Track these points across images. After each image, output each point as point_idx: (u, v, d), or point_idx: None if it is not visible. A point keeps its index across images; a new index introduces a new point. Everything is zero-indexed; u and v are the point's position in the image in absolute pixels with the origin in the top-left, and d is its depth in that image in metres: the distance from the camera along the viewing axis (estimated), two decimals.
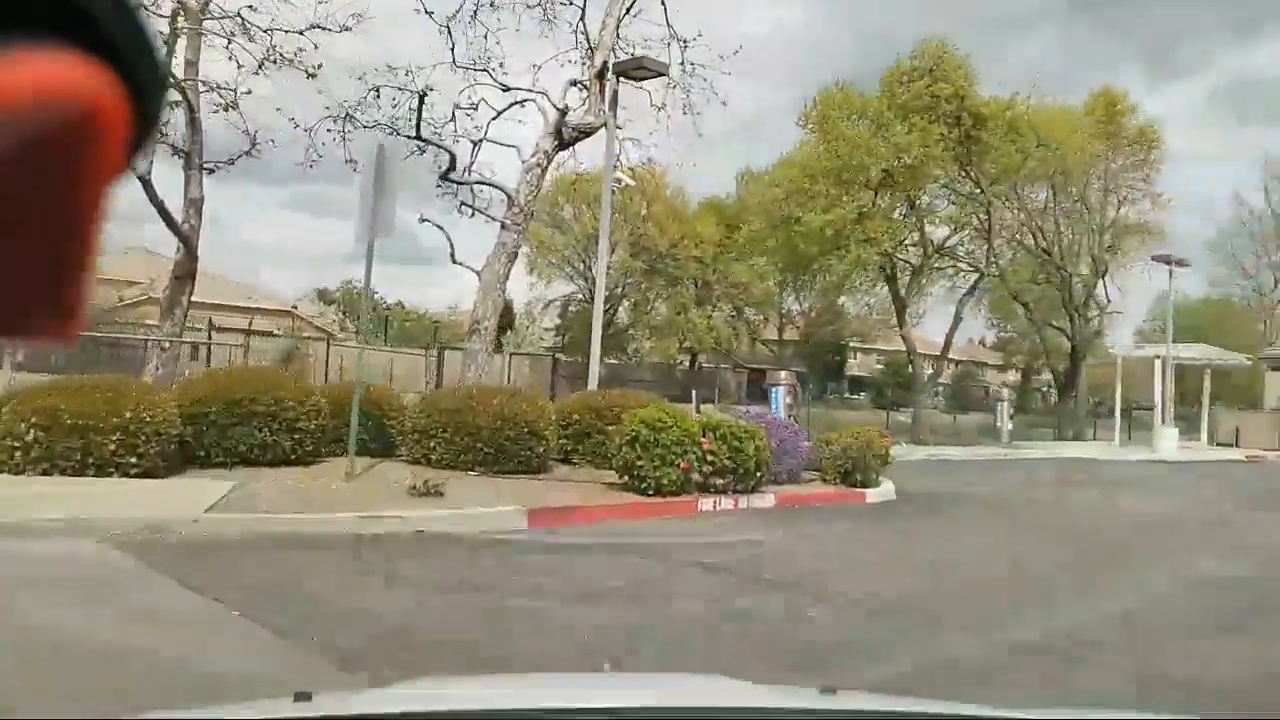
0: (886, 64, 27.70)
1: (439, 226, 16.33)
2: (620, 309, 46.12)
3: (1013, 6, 79.60)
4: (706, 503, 9.97)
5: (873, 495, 12.09)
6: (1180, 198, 70.91)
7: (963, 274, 31.31)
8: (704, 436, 10.09)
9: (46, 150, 0.36)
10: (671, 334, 44.73)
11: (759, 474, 10.58)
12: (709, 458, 10.06)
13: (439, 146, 16.09)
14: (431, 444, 10.38)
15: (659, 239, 40.52)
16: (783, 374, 19.87)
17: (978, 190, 27.75)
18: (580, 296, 43.84)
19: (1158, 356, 28.11)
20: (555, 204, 42.49)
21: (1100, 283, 32.17)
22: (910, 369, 30.92)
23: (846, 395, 58.36)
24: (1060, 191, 32.49)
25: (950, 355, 72.46)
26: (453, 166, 16.00)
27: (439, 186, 16.69)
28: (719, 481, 10.17)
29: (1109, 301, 32.16)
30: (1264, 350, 35.91)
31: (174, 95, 13.18)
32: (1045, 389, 56.58)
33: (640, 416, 9.74)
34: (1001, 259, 30.60)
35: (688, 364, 48.46)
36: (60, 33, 0.36)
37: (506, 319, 55.65)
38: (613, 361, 46.33)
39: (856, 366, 62.24)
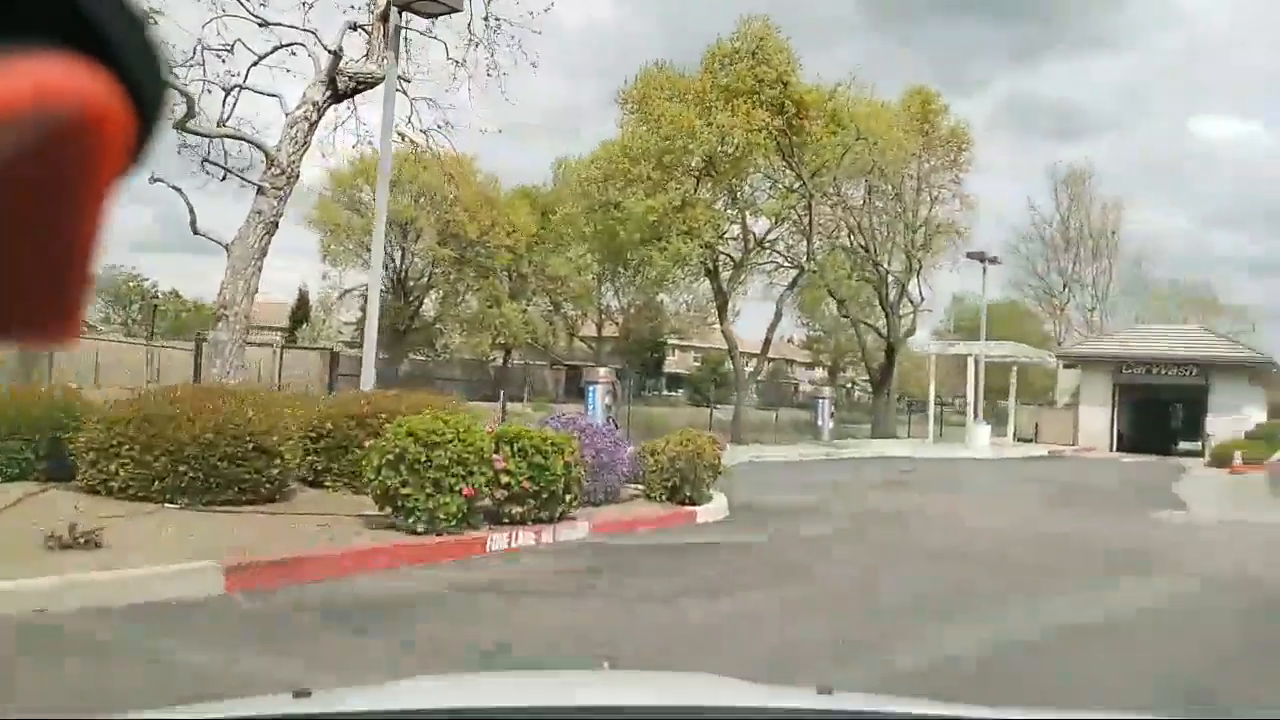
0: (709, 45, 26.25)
1: (176, 189, 13.13)
2: (427, 300, 42.81)
3: (814, 13, 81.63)
4: (499, 538, 7.60)
5: (704, 513, 10.15)
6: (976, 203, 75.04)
7: (782, 269, 30.53)
8: (497, 452, 7.74)
9: (48, 154, 0.36)
10: (484, 329, 41.90)
11: (569, 497, 8.33)
12: (503, 479, 7.72)
13: (172, 87, 12.86)
14: (114, 466, 7.46)
15: (469, 226, 37.59)
16: (601, 371, 17.84)
17: (799, 182, 26.87)
18: (381, 288, 40.18)
19: (970, 354, 28.26)
20: (353, 185, 38.87)
21: (914, 280, 32.34)
22: (729, 366, 29.79)
23: (665, 393, 57.52)
24: (875, 192, 32.43)
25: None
26: (190, 113, 12.81)
27: (177, 139, 13.44)
28: (517, 510, 7.84)
29: (921, 299, 32.39)
30: (1054, 349, 37.61)
31: None
32: (850, 386, 58.05)
33: (408, 427, 7.23)
34: (820, 254, 30.06)
35: (501, 360, 45.74)
36: (61, 37, 0.36)
37: (302, 311, 51.08)
38: (419, 358, 42.97)
39: (675, 364, 61.57)
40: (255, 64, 13.67)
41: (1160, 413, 38.25)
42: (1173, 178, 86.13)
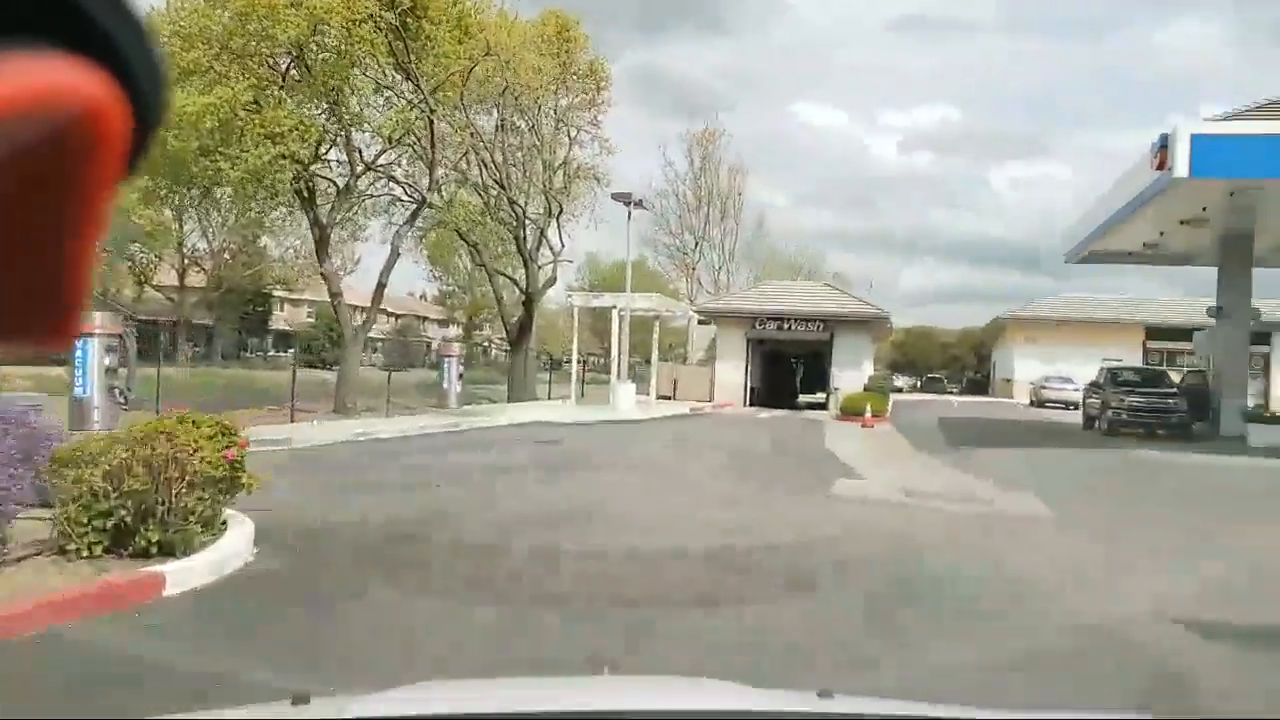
0: None
1: None
2: None
3: None
4: None
5: (188, 572, 5.37)
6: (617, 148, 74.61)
7: (402, 204, 25.56)
8: None
9: (47, 155, 0.36)
10: None
11: None
12: None
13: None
14: None
15: None
16: (98, 317, 11.91)
17: (419, 96, 22.04)
18: None
19: (615, 306, 25.48)
20: None
21: (554, 225, 28.95)
22: (336, 319, 24.33)
23: (273, 353, 49.65)
24: (510, 127, 28.56)
25: (390, 309, 67.20)
26: None
27: None
28: None
29: (563, 246, 29.15)
30: (691, 306, 36.66)
31: None
32: (487, 344, 54.45)
33: None
34: (446, 188, 25.53)
35: None
36: (61, 38, 0.36)
37: None
38: None
39: (285, 320, 53.52)
40: None
41: (789, 367, 39.12)
42: (775, 157, 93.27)
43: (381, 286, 22.19)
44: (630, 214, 23.38)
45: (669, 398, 30.43)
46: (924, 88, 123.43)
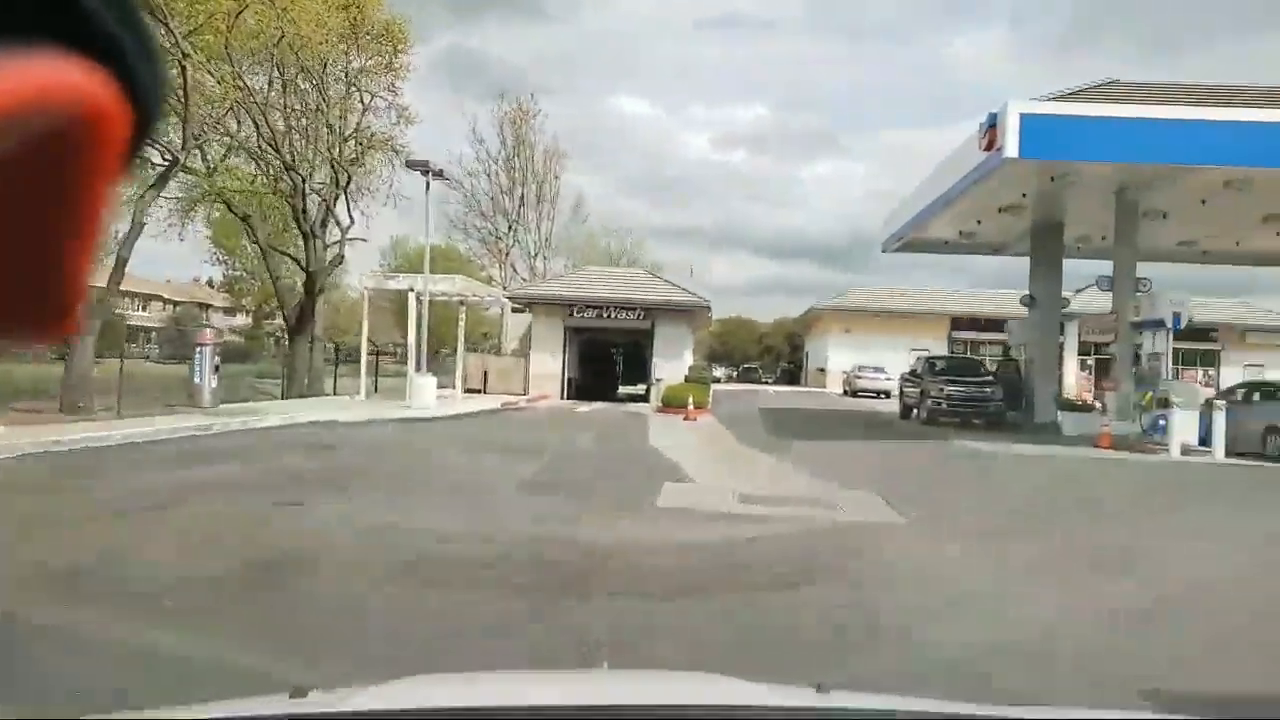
0: None
1: None
2: None
3: None
4: None
5: None
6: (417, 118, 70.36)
7: (154, 168, 21.59)
8: None
9: (46, 153, 0.36)
10: None
11: None
12: None
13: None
14: None
15: None
16: None
17: (169, 39, 18.41)
18: None
19: (412, 288, 22.63)
20: None
21: (343, 198, 25.59)
22: (128, 309, 20.07)
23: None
24: (292, 87, 25.04)
25: (167, 295, 60.21)
26: None
27: None
28: None
29: (351, 221, 25.86)
30: (506, 291, 34.08)
31: None
32: (281, 334, 49.51)
33: None
34: (212, 150, 21.86)
35: None
36: (61, 38, 0.36)
37: None
38: None
39: None
40: None
41: (609, 357, 37.35)
42: (593, 149, 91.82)
43: (122, 262, 18.37)
44: (429, 184, 20.64)
45: (479, 391, 27.86)
46: (736, 85, 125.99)
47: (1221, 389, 18.21)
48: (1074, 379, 35.43)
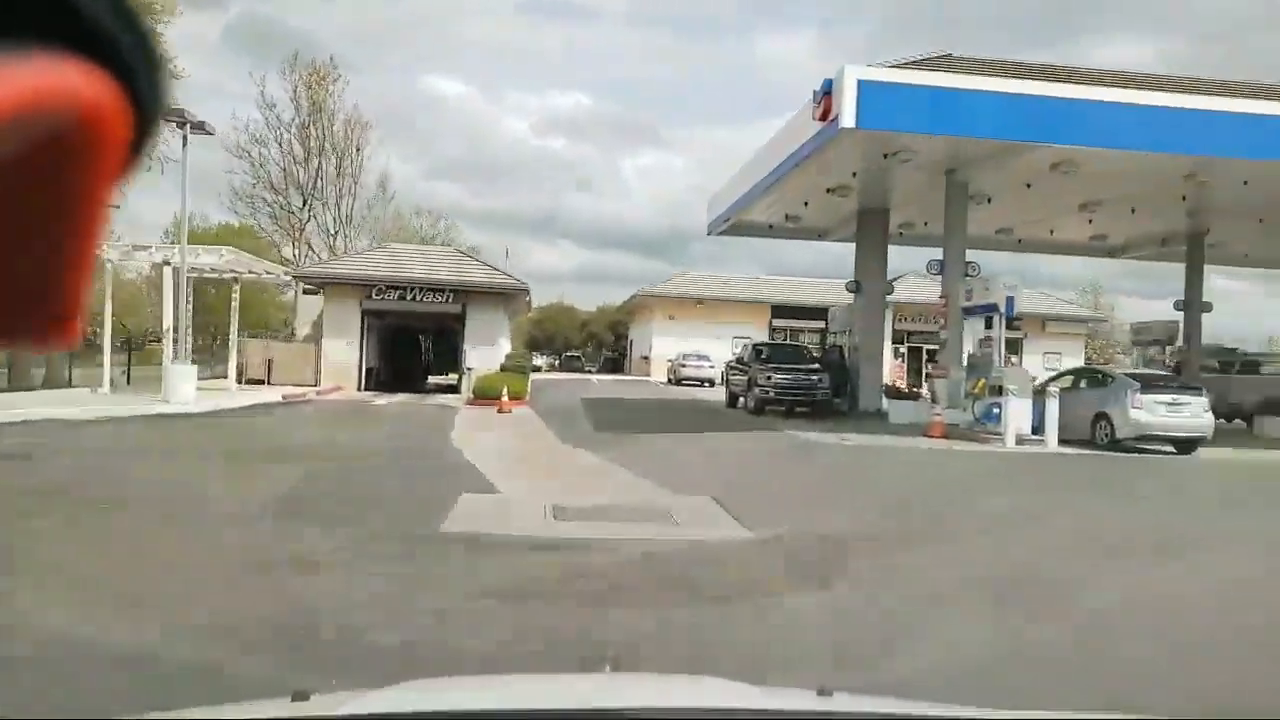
0: None
1: None
2: None
3: None
4: None
5: None
6: (188, 74, 63.42)
7: None
8: None
9: (47, 155, 0.36)
10: None
11: None
12: None
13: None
14: None
15: None
16: None
17: None
18: None
19: (168, 262, 19.11)
20: None
21: None
22: None
23: None
24: None
25: None
26: None
27: None
28: None
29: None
30: (295, 270, 30.43)
31: None
32: None
33: None
34: None
35: None
36: (61, 40, 0.36)
37: None
38: None
39: None
40: None
41: (417, 345, 34.34)
42: (406, 130, 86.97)
43: None
44: (186, 138, 17.30)
45: (261, 383, 24.42)
46: (558, 72, 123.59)
47: (1047, 377, 17.98)
48: (888, 367, 35.82)
